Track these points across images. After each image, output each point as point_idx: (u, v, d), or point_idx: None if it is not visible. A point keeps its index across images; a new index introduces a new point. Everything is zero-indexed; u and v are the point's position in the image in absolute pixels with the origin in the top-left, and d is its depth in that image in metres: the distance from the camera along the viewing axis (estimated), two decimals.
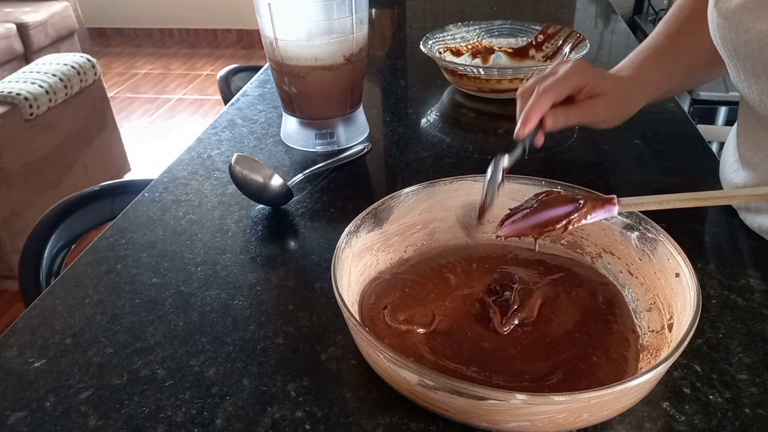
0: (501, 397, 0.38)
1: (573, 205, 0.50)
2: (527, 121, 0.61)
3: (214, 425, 0.45)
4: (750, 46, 0.54)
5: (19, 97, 1.93)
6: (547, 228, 0.51)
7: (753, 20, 0.53)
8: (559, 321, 0.51)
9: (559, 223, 0.50)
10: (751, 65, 0.56)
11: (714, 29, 0.59)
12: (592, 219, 0.50)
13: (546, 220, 0.50)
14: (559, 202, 0.50)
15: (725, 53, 0.59)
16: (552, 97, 0.62)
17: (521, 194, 0.59)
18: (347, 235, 0.52)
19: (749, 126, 0.63)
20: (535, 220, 0.51)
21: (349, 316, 0.44)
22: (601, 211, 0.50)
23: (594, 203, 0.50)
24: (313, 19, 0.74)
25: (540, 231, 0.51)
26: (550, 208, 0.50)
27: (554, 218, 0.50)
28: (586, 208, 0.49)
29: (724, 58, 0.60)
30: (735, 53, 0.57)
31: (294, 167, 0.80)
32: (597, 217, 0.50)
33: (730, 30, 0.56)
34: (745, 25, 0.54)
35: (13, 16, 3.07)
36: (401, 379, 0.43)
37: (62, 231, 0.84)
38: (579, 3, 1.51)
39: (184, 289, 0.58)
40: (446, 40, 1.06)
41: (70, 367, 0.50)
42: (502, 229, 0.53)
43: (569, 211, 0.50)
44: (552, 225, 0.50)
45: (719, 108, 1.70)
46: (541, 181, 0.58)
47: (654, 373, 0.39)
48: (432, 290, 0.54)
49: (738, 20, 0.55)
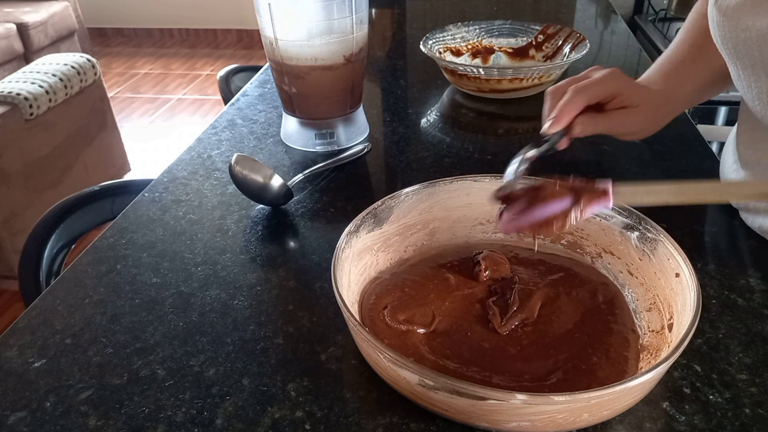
0: (501, 397, 0.38)
1: (568, 200, 0.49)
2: (560, 118, 0.60)
3: (214, 425, 0.45)
4: (749, 44, 0.54)
5: (19, 97, 1.93)
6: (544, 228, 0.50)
7: (752, 17, 0.53)
8: (559, 321, 0.51)
9: (556, 223, 0.50)
10: (750, 63, 0.55)
11: (714, 27, 0.59)
12: (587, 215, 0.50)
13: (543, 219, 0.50)
14: (554, 197, 0.50)
15: (725, 52, 0.59)
16: (586, 100, 0.61)
17: None
18: (347, 235, 0.52)
19: (749, 126, 0.63)
20: (532, 218, 0.50)
21: (349, 316, 0.44)
22: (596, 205, 0.49)
23: (589, 197, 0.49)
24: (313, 19, 0.74)
25: (538, 231, 0.51)
26: (546, 204, 0.50)
27: (550, 217, 0.50)
28: (581, 203, 0.49)
29: (725, 57, 0.59)
30: (735, 51, 0.57)
31: (294, 167, 0.80)
32: (592, 211, 0.50)
33: (730, 28, 0.56)
34: (745, 22, 0.54)
35: (13, 16, 3.07)
36: (401, 379, 0.43)
37: (62, 231, 0.84)
38: (579, 3, 1.50)
39: (184, 289, 0.58)
40: (446, 40, 1.06)
41: (70, 367, 0.50)
42: (500, 224, 0.52)
43: (565, 208, 0.49)
44: (549, 225, 0.50)
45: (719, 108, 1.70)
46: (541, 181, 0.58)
47: (654, 373, 0.39)
48: (432, 290, 0.54)
49: (737, 18, 0.54)
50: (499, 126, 0.92)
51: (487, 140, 0.88)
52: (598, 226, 0.56)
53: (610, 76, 0.63)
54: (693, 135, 0.84)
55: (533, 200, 0.50)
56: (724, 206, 0.67)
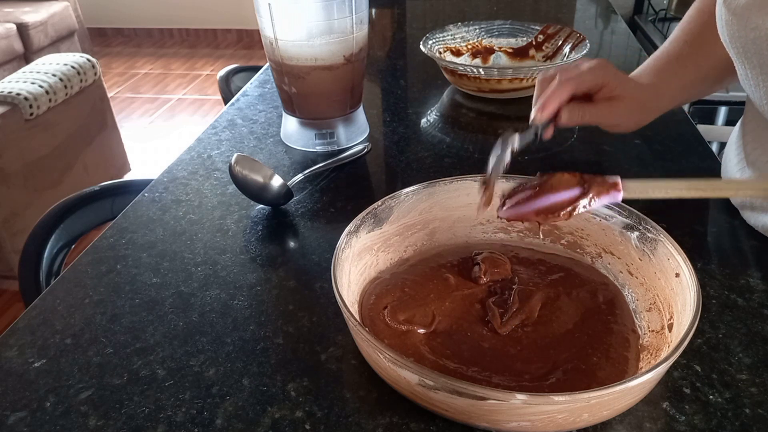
0: (501, 397, 0.38)
1: (578, 189, 0.49)
2: (545, 106, 0.60)
3: (214, 425, 0.45)
4: (758, 43, 0.54)
5: (19, 97, 1.93)
6: (551, 214, 0.49)
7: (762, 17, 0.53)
8: (559, 321, 0.51)
9: (563, 209, 0.49)
10: (758, 63, 0.55)
11: (722, 26, 0.58)
12: (597, 205, 0.49)
13: (550, 205, 0.49)
14: (563, 186, 0.49)
15: (733, 51, 0.58)
16: (573, 88, 0.62)
17: None
18: (347, 235, 0.52)
19: (756, 125, 0.63)
20: (539, 204, 0.49)
21: (349, 316, 0.44)
22: (606, 197, 0.49)
23: (599, 189, 0.49)
24: (313, 19, 0.74)
25: (544, 217, 0.50)
26: (554, 192, 0.49)
27: (558, 204, 0.49)
28: (591, 194, 0.48)
29: (732, 57, 0.59)
30: (743, 51, 0.56)
31: (294, 167, 0.80)
32: (602, 202, 0.49)
33: (739, 27, 0.55)
34: (754, 21, 0.53)
35: (13, 16, 3.07)
36: (401, 379, 0.43)
37: (62, 231, 0.84)
38: (579, 3, 1.50)
39: (184, 289, 0.58)
40: (446, 40, 1.06)
41: (70, 367, 0.50)
42: (503, 210, 0.51)
43: (574, 197, 0.49)
44: (556, 211, 0.49)
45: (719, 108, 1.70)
46: None
47: (654, 373, 0.39)
48: (432, 290, 0.54)
49: (747, 17, 0.54)
50: (499, 126, 0.92)
51: (487, 140, 0.88)
52: (598, 226, 0.56)
53: (599, 66, 0.64)
54: (693, 135, 0.84)
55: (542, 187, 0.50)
56: (725, 206, 0.67)
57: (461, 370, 0.46)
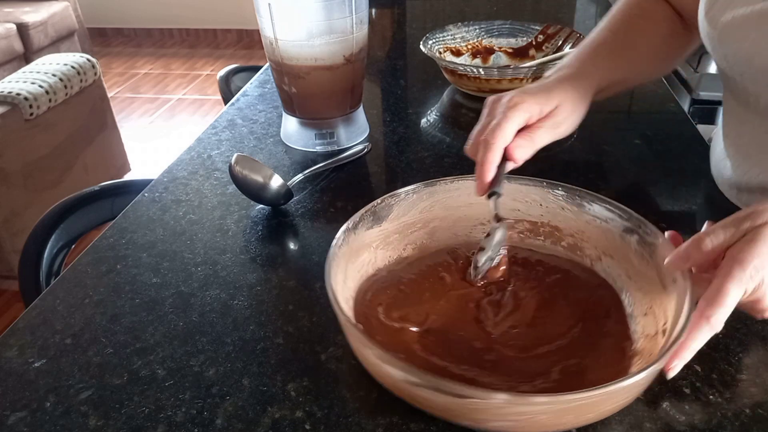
0: (482, 396, 0.38)
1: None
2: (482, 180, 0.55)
3: (214, 425, 0.45)
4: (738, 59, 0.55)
5: (19, 97, 1.93)
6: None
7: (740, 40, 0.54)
8: (553, 323, 0.51)
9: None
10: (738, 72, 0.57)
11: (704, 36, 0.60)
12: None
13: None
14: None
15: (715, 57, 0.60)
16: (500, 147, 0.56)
17: (521, 194, 0.59)
18: (344, 232, 0.52)
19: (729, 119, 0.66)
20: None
21: (339, 311, 0.44)
22: None
23: None
24: (313, 19, 0.74)
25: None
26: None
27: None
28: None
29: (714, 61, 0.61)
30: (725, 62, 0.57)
31: (294, 167, 0.80)
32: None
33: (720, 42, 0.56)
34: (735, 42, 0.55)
35: (13, 16, 3.07)
36: (386, 375, 0.43)
37: (62, 231, 0.84)
38: (579, 3, 1.51)
39: (184, 289, 0.58)
40: (446, 40, 1.06)
41: (70, 367, 0.50)
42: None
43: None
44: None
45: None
46: (542, 182, 0.58)
47: (639, 378, 0.39)
48: (428, 289, 0.54)
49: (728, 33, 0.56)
50: None
51: None
52: (598, 228, 0.56)
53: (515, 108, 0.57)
54: (693, 135, 0.84)
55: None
56: (725, 209, 0.67)
57: (450, 369, 0.46)
